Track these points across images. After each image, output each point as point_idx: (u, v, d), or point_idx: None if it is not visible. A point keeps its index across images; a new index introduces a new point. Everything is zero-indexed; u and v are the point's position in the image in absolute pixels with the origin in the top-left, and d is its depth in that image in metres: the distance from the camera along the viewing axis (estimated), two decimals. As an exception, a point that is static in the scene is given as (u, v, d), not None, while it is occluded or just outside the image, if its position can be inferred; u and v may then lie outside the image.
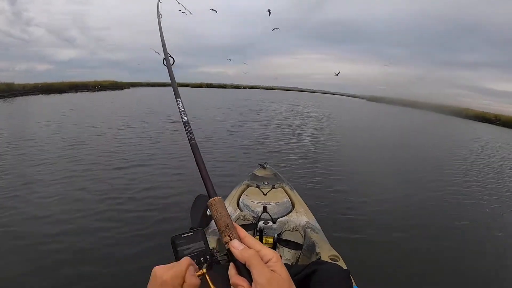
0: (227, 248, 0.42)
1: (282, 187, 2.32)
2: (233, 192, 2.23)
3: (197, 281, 0.44)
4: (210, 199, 0.47)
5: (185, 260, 0.46)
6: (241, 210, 1.94)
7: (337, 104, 26.68)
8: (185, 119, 0.63)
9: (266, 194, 2.12)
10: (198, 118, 10.66)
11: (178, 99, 0.69)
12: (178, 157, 5.45)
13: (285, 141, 7.62)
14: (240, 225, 1.41)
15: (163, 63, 0.86)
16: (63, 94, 20.88)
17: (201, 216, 1.47)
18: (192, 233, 1.06)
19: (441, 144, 9.52)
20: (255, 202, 1.97)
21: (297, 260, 1.61)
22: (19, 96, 17.59)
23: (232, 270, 0.41)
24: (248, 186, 2.30)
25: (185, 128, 0.61)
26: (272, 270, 0.38)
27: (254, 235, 1.55)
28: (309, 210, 2.01)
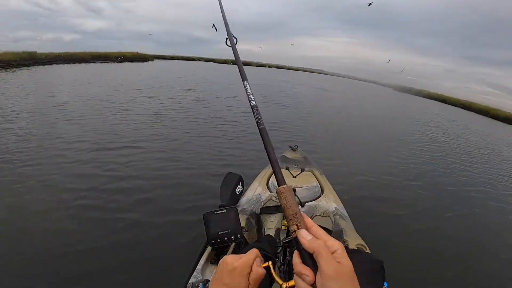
0: (294, 236, 0.43)
1: (312, 171, 2.29)
2: (263, 172, 2.21)
3: (262, 271, 0.46)
4: (279, 187, 0.47)
5: (253, 251, 0.48)
6: (270, 191, 1.93)
7: (366, 92, 25.31)
8: (253, 103, 0.62)
9: (295, 177, 2.09)
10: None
11: (245, 81, 0.67)
12: (202, 135, 5.45)
13: (317, 126, 7.50)
14: (271, 206, 1.46)
15: (226, 43, 0.84)
16: (85, 64, 21.13)
17: (230, 194, 1.46)
18: (225, 211, 1.11)
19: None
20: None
21: None
22: (41, 65, 17.70)
23: (296, 259, 0.42)
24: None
25: (253, 112, 0.60)
26: (338, 261, 0.38)
27: (282, 218, 1.53)
28: (337, 197, 1.98)
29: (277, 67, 51.18)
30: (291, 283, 0.42)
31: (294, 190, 1.78)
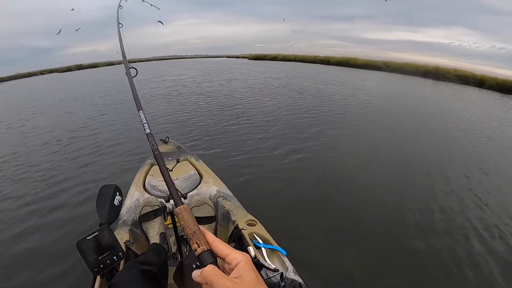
0: (196, 255, 0.43)
1: (188, 160, 2.23)
2: (138, 174, 2.03)
3: None
4: (177, 208, 0.49)
5: None
6: (149, 193, 1.79)
7: (222, 66, 25.82)
8: (147, 131, 0.67)
9: (172, 170, 1.99)
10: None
11: (140, 111, 0.73)
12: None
13: (181, 113, 7.22)
14: (148, 212, 1.38)
15: (126, 74, 0.93)
16: None
17: (109, 208, 1.27)
18: (97, 233, 1.02)
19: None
20: (161, 181, 1.84)
21: (216, 233, 1.56)
22: None
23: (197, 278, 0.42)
24: (152, 165, 2.15)
25: (148, 140, 0.65)
26: (237, 277, 0.39)
27: (165, 218, 1.47)
28: (218, 178, 1.97)
29: (129, 61, 45.61)
30: None
31: (173, 183, 1.68)
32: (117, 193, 1.35)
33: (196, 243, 0.43)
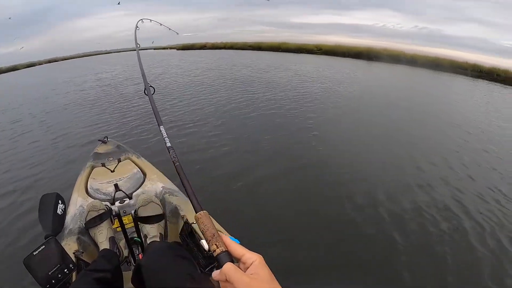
0: (215, 255, 0.47)
1: (129, 158, 2.14)
2: (79, 179, 1.90)
3: None
4: (197, 214, 0.54)
5: None
6: (92, 197, 1.68)
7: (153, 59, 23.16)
8: (168, 144, 0.77)
9: (114, 171, 1.91)
10: None
11: (161, 126, 0.82)
12: None
13: (119, 112, 6.66)
14: (93, 218, 1.34)
15: (144, 92, 1.06)
16: None
17: (52, 219, 1.18)
18: (44, 246, 0.99)
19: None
20: (104, 183, 1.75)
21: (166, 231, 1.53)
22: None
23: (218, 276, 0.46)
24: (93, 167, 2.03)
25: (169, 153, 0.74)
26: (253, 273, 0.43)
27: (112, 222, 1.42)
28: (162, 175, 1.91)
29: (50, 61, 39.82)
30: None
31: (116, 185, 1.65)
32: (59, 201, 1.27)
33: (215, 244, 0.48)
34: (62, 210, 1.26)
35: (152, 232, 1.36)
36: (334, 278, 2.04)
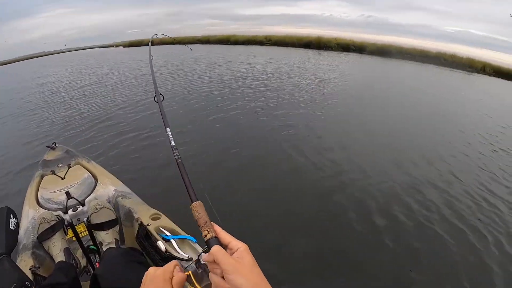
0: (206, 240, 0.52)
1: (79, 163, 2.05)
2: (29, 189, 1.79)
3: (184, 275, 0.52)
4: (193, 203, 0.58)
5: (173, 262, 0.55)
6: (44, 207, 1.58)
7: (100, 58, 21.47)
8: (173, 143, 0.82)
9: (64, 178, 1.82)
10: None
11: (167, 128, 0.90)
12: None
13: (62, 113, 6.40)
14: (46, 230, 1.28)
15: (154, 99, 1.14)
16: None
17: (5, 235, 1.14)
18: None
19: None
20: (55, 192, 1.68)
21: (122, 235, 1.50)
22: None
23: (207, 257, 0.50)
24: (42, 176, 1.94)
25: (172, 151, 0.78)
26: (237, 257, 0.47)
27: (65, 232, 1.38)
28: (114, 177, 1.87)
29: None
30: None
31: (67, 193, 1.57)
32: (11, 216, 1.22)
33: (206, 230, 0.52)
34: (14, 224, 1.22)
35: (107, 238, 1.32)
36: (327, 277, 2.11)
